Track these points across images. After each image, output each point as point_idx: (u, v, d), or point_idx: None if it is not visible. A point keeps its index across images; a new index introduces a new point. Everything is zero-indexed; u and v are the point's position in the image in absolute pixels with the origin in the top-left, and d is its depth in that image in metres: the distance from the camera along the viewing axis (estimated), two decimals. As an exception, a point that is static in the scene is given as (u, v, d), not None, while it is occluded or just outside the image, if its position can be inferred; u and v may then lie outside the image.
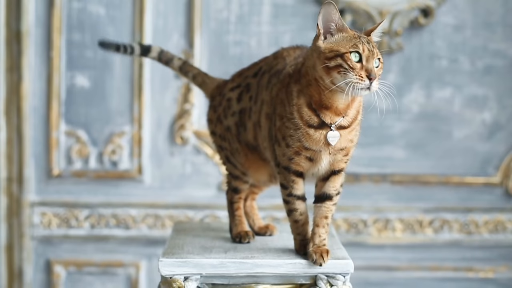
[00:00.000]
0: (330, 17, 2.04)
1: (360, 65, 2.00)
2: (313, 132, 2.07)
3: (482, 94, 3.60)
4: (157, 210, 3.59)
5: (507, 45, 3.58)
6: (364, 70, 2.00)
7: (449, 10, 3.56)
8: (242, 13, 3.54)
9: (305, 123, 2.07)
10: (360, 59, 2.01)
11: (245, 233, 2.34)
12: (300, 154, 2.11)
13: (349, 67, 1.99)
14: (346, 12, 3.49)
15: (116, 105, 3.56)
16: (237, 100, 2.33)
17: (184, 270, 2.12)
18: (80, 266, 3.60)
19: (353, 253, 2.39)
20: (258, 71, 2.32)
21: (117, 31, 3.53)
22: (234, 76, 2.41)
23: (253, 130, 2.27)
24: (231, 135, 2.34)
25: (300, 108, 2.08)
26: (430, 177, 3.61)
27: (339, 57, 2.01)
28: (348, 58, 2.00)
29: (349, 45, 2.02)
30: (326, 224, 2.16)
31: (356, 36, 2.04)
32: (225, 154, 2.37)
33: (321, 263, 2.10)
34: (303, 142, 2.09)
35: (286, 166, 2.15)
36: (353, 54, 2.01)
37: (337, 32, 2.05)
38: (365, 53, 2.01)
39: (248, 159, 2.33)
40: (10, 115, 3.54)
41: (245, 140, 2.31)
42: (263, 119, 2.23)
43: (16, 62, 3.53)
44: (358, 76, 1.99)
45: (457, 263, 3.64)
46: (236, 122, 2.32)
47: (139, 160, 3.57)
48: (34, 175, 3.58)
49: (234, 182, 2.38)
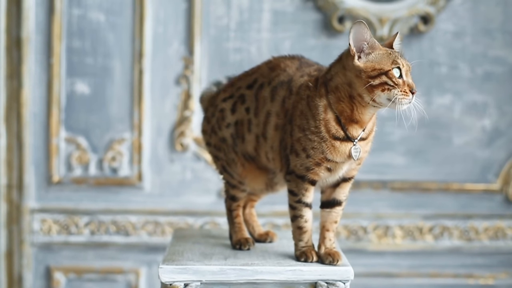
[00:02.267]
0: (361, 36, 2.08)
1: (402, 81, 2.06)
2: (339, 144, 2.11)
3: (482, 100, 3.60)
4: (157, 216, 3.59)
5: (506, 52, 3.59)
6: (407, 85, 2.06)
7: (449, 17, 3.56)
8: (242, 20, 3.55)
9: (331, 136, 2.11)
10: (400, 74, 2.06)
11: (245, 240, 2.34)
12: (321, 165, 2.14)
13: (394, 83, 2.04)
14: (346, 19, 3.50)
15: (116, 111, 3.56)
16: (231, 111, 2.34)
17: (184, 277, 2.12)
18: (80, 272, 3.59)
19: (353, 259, 2.40)
20: (253, 82, 2.32)
21: (117, 38, 3.53)
22: (226, 86, 2.42)
23: (254, 141, 2.28)
24: (226, 146, 2.35)
25: (328, 123, 2.11)
26: (430, 183, 3.61)
27: (384, 75, 2.06)
28: (392, 75, 2.05)
29: (390, 62, 2.07)
30: (335, 228, 2.23)
31: (390, 52, 2.09)
32: (221, 164, 2.39)
33: (338, 259, 2.16)
34: (326, 154, 2.12)
35: (302, 175, 2.17)
36: (395, 70, 2.06)
37: (370, 49, 2.09)
38: (404, 67, 2.07)
39: (244, 168, 2.34)
40: (10, 121, 3.55)
41: (243, 151, 2.32)
42: (270, 131, 2.24)
43: (16, 69, 3.53)
44: (403, 92, 2.05)
45: (457, 270, 3.64)
46: (232, 133, 2.33)
47: (139, 166, 3.57)
48: (34, 182, 3.58)
49: (232, 190, 2.40)
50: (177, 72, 3.56)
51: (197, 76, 3.55)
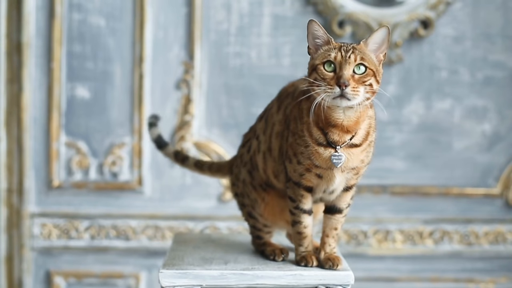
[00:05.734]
0: (314, 35, 2.06)
1: (332, 74, 1.99)
2: (323, 150, 2.07)
3: (482, 105, 3.61)
4: (157, 221, 3.59)
5: (506, 57, 3.59)
6: (335, 78, 1.98)
7: (449, 21, 3.57)
8: (242, 24, 3.55)
9: (314, 141, 2.07)
10: (335, 68, 2.00)
11: (279, 250, 2.31)
12: (310, 171, 2.12)
13: (321, 78, 1.99)
14: (346, 24, 3.50)
15: (117, 116, 3.56)
16: (247, 151, 2.35)
17: (184, 281, 2.12)
18: (80, 277, 3.59)
19: (353, 264, 2.40)
20: (263, 114, 2.34)
21: (117, 42, 3.54)
22: (243, 135, 2.43)
23: (262, 161, 2.27)
24: (247, 186, 2.34)
25: (309, 126, 2.08)
26: (430, 188, 3.61)
27: (314, 70, 2.02)
28: (319, 69, 2.00)
29: (323, 57, 2.02)
30: (335, 234, 2.21)
31: (333, 46, 2.03)
32: (247, 210, 2.36)
33: (338, 264, 2.15)
34: (313, 160, 2.09)
35: (297, 182, 2.16)
36: (327, 64, 2.01)
37: (323, 46, 2.06)
38: (337, 60, 1.99)
39: (266, 204, 2.32)
40: (10, 126, 3.55)
41: (258, 180, 2.31)
42: (274, 140, 2.23)
43: (17, 73, 3.54)
44: (328, 85, 1.98)
45: (457, 274, 3.64)
46: (249, 169, 2.33)
47: (139, 171, 3.57)
48: (34, 186, 3.58)
49: (258, 232, 2.37)
50: (177, 77, 3.56)
51: (197, 80, 3.55)
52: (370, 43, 2.03)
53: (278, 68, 3.54)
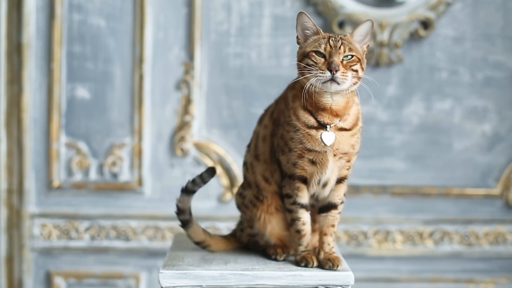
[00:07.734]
0: (303, 26, 2.18)
1: (323, 60, 2.11)
2: (315, 132, 2.14)
3: (482, 106, 3.61)
4: (157, 221, 3.59)
5: (506, 57, 3.59)
6: (326, 64, 2.10)
7: (449, 22, 3.57)
8: (243, 25, 3.55)
9: (303, 124, 2.15)
10: (324, 56, 2.12)
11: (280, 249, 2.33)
12: (303, 157, 2.16)
13: (313, 63, 2.11)
14: (346, 24, 3.50)
15: (117, 117, 3.56)
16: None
17: (184, 282, 2.12)
18: (80, 277, 3.59)
19: (354, 265, 2.40)
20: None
21: (117, 43, 3.54)
22: None
23: (252, 172, 2.33)
24: (245, 204, 2.38)
25: (296, 110, 2.16)
26: (430, 189, 3.61)
27: (306, 56, 2.13)
28: (311, 55, 2.12)
29: (313, 45, 2.14)
30: (333, 232, 2.23)
31: (323, 36, 2.16)
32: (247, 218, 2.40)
33: (338, 264, 2.16)
34: (304, 143, 2.15)
35: (291, 174, 2.19)
36: (317, 52, 2.12)
37: (312, 37, 2.18)
38: (327, 50, 2.12)
39: (264, 218, 2.34)
40: (10, 127, 3.55)
41: (250, 197, 2.34)
42: (261, 144, 2.29)
43: (17, 74, 3.54)
44: (320, 69, 2.10)
45: (457, 275, 3.64)
46: (242, 192, 2.40)
47: (140, 171, 3.57)
48: (35, 187, 3.58)
49: (254, 238, 2.39)
50: (177, 77, 3.56)
51: (198, 81, 3.55)
52: (355, 35, 2.18)
53: (278, 68, 3.54)
